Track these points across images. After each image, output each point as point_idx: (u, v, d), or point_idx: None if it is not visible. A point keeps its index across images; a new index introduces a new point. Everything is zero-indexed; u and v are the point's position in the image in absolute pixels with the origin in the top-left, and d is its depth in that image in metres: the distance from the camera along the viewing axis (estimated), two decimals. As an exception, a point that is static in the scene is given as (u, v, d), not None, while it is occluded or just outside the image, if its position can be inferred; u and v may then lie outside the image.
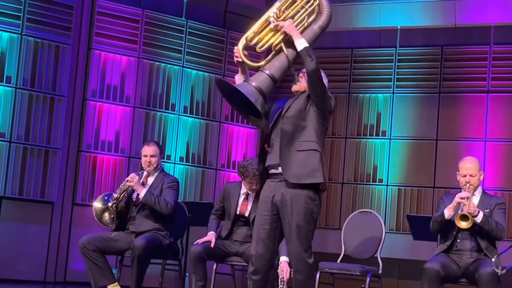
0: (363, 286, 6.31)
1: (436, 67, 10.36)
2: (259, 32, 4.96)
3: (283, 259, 5.81)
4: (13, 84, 8.91)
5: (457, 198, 5.85)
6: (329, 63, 10.93)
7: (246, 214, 6.63)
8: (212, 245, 6.43)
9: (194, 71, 10.21)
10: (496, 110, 10.01)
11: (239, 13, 10.55)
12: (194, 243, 6.49)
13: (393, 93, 10.55)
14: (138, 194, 6.74)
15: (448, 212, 5.91)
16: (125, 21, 9.70)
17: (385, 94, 10.60)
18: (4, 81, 8.85)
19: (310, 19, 4.99)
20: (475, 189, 6.01)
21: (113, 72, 9.61)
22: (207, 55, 10.31)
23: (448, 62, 10.32)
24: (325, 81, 5.09)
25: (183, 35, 10.14)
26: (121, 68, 9.67)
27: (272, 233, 4.89)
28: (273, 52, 4.97)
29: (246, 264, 6.37)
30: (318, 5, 4.99)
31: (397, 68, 10.55)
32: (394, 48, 10.59)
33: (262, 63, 4.97)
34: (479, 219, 5.78)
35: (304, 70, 5.03)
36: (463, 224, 5.71)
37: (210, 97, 10.30)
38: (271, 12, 4.93)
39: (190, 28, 10.19)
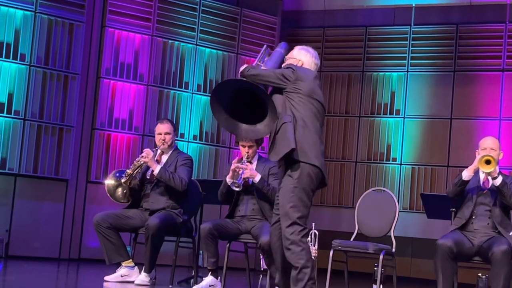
0: (376, 264, 6.31)
1: (451, 46, 10.30)
2: None
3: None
4: (27, 62, 8.92)
5: (477, 159, 5.82)
6: (343, 41, 10.90)
7: (250, 182, 6.60)
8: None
9: (207, 49, 10.19)
10: (511, 88, 9.96)
11: (252, -9, 10.53)
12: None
13: (407, 71, 10.50)
14: (152, 171, 6.75)
15: (467, 173, 5.88)
16: (138, -1, 9.69)
17: (399, 73, 10.55)
18: (18, 59, 8.87)
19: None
20: (496, 161, 5.97)
21: (127, 50, 9.61)
22: (220, 33, 10.29)
23: (463, 40, 10.26)
24: (304, 58, 5.11)
25: (197, 13, 10.12)
26: (135, 46, 9.66)
27: None
28: None
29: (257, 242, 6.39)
30: None
31: (412, 47, 10.50)
32: (409, 26, 10.53)
33: None
34: (498, 181, 5.77)
35: None
36: (486, 167, 5.69)
37: (223, 75, 10.28)
38: None
39: (204, 6, 10.16)
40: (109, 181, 6.85)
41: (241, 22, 10.42)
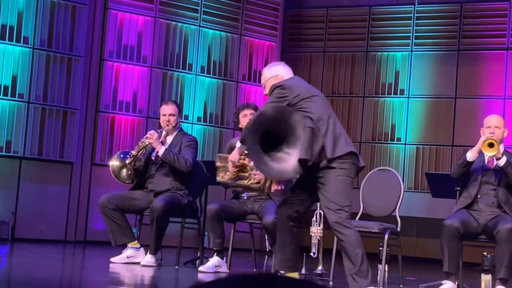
0: (381, 244, 6.31)
1: (455, 24, 10.26)
2: None
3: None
4: (31, 44, 8.92)
5: (481, 140, 5.82)
6: (346, 21, 10.87)
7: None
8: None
9: (211, 31, 10.17)
10: (516, 67, 9.92)
11: (255, -28, 10.49)
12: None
13: (411, 51, 10.47)
14: (157, 153, 6.75)
15: (470, 154, 5.88)
16: (141, -20, 9.66)
17: (403, 52, 10.52)
18: (22, 42, 8.86)
19: None
20: (499, 142, 5.96)
21: (130, 32, 9.59)
22: (224, 14, 10.26)
23: (467, 19, 10.21)
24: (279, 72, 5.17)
25: (200, -6, 10.08)
26: (138, 28, 9.64)
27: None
28: None
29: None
30: None
31: (416, 26, 10.45)
32: (413, 6, 10.48)
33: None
34: (502, 161, 5.77)
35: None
36: (489, 151, 5.71)
37: (227, 56, 10.26)
38: None
39: (207, -13, 10.13)
40: (114, 162, 6.86)
41: (244, 3, 10.39)
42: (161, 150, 6.69)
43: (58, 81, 9.07)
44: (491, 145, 5.71)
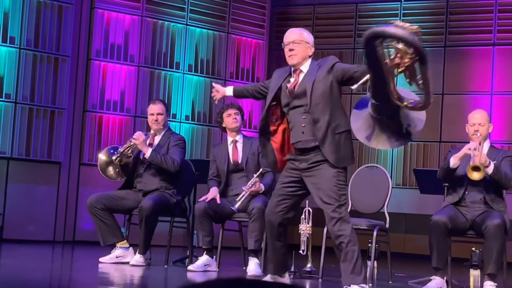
0: (370, 240, 6.33)
1: (441, 21, 10.29)
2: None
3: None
4: (17, 44, 8.88)
5: (464, 149, 5.83)
6: (333, 19, 10.88)
7: (240, 161, 6.64)
8: (218, 201, 6.45)
9: (198, 29, 10.15)
10: (502, 63, 9.96)
11: (242, -30, 10.48)
12: (199, 200, 6.51)
13: (398, 47, 10.47)
14: (144, 154, 6.75)
15: (453, 161, 5.89)
16: (127, -21, 9.64)
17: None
18: (8, 42, 8.83)
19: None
20: (484, 139, 5.98)
21: (117, 31, 9.57)
22: (211, 12, 10.25)
23: (454, 15, 10.24)
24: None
25: (186, -7, 10.07)
26: (125, 27, 9.62)
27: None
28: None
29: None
30: None
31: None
32: (399, 2, 10.50)
33: None
34: (490, 169, 5.76)
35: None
36: (475, 176, 5.65)
37: (214, 55, 10.26)
38: None
39: (193, -14, 10.12)
40: (102, 156, 6.86)
41: (231, 1, 10.38)
42: (147, 152, 6.69)
43: (45, 81, 9.05)
44: (475, 168, 5.66)
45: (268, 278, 5.29)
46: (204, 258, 6.45)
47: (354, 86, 4.73)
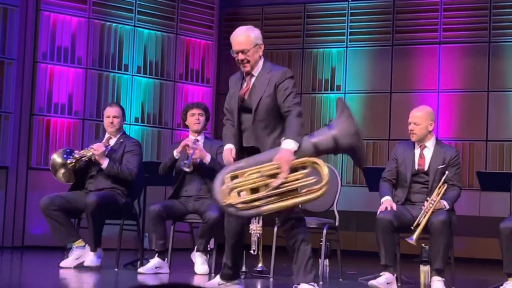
0: (321, 239, 6.37)
1: (388, 20, 10.40)
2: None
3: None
4: (-39, 48, 8.73)
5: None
6: (282, 19, 10.92)
7: (198, 161, 6.59)
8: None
9: (146, 31, 10.10)
10: (448, 61, 10.10)
11: (189, -30, 10.46)
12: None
13: (346, 47, 10.57)
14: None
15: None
16: (73, -19, 9.53)
17: (338, 49, 10.62)
18: (-49, 46, 8.68)
19: None
20: (419, 138, 6.04)
21: (63, 33, 9.46)
22: (159, 13, 10.20)
23: (400, 14, 10.36)
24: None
25: (134, -6, 10.00)
26: (72, 29, 9.52)
27: None
28: None
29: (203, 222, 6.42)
30: None
31: (350, 22, 10.56)
32: (347, 2, 10.59)
33: None
34: (445, 204, 5.86)
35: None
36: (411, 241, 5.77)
37: (163, 56, 10.21)
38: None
39: (141, -13, 10.05)
40: (57, 158, 6.76)
41: (179, 2, 10.34)
42: (105, 164, 6.65)
43: (-9, 84, 8.91)
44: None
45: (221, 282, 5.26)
46: (155, 261, 6.43)
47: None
